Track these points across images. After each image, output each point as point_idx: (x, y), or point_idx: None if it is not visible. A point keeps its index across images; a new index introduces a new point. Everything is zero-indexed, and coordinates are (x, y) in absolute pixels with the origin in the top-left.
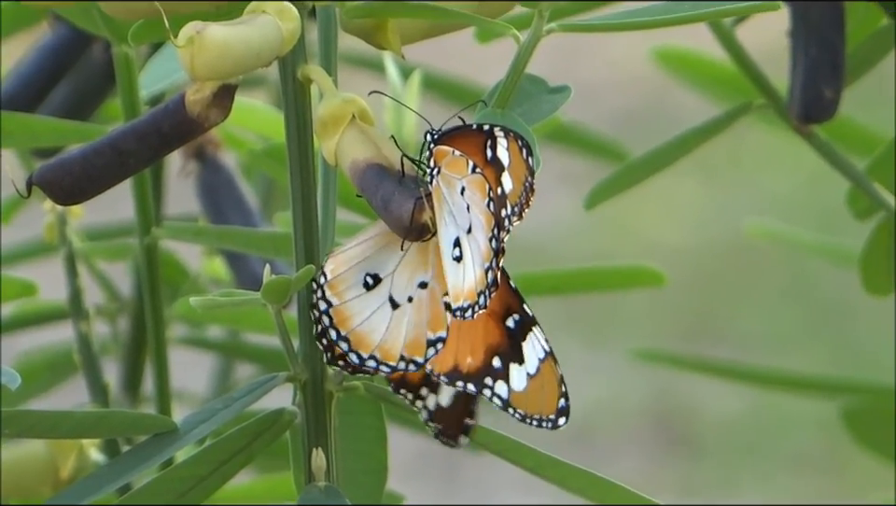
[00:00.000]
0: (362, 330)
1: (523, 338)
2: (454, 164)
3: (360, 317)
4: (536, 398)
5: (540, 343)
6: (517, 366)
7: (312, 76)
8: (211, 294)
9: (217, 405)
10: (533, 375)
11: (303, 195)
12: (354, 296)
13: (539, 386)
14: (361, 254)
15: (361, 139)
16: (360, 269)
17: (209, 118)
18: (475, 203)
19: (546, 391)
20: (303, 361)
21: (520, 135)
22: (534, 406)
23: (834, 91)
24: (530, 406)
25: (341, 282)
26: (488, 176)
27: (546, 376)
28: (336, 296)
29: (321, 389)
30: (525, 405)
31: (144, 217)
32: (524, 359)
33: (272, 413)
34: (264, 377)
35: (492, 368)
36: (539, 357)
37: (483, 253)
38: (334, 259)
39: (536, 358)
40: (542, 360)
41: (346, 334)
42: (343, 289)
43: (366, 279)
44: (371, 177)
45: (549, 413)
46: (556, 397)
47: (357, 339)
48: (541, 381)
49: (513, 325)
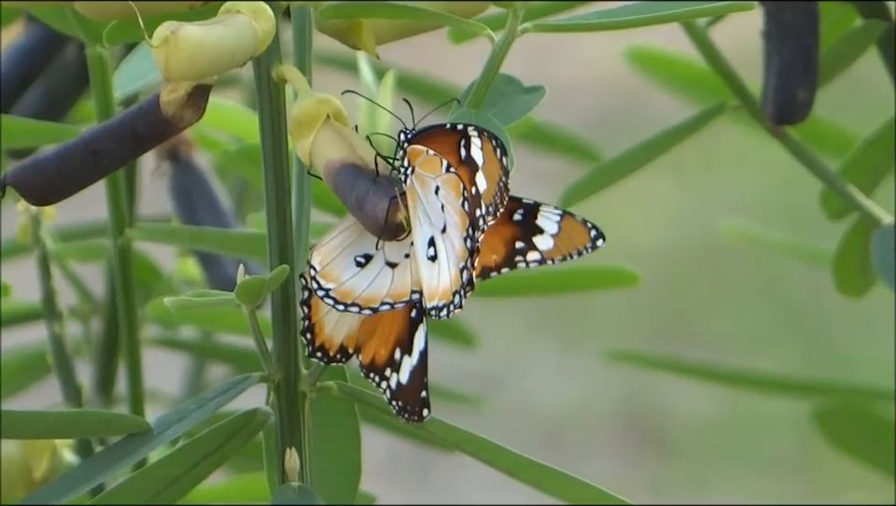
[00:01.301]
0: (368, 292)
1: (534, 218)
2: (428, 164)
3: (363, 287)
4: (567, 243)
5: (553, 211)
6: (539, 236)
7: (286, 76)
8: (184, 295)
9: (190, 406)
10: (556, 233)
11: (277, 196)
12: (350, 276)
13: (566, 237)
14: (344, 242)
15: (336, 139)
16: (348, 254)
17: (183, 118)
18: (449, 203)
19: (574, 235)
20: (277, 362)
21: (494, 135)
22: (568, 248)
23: (808, 92)
24: (564, 250)
25: (333, 269)
26: (462, 176)
27: (569, 227)
28: (332, 282)
29: (295, 389)
30: (559, 253)
31: (117, 217)
32: (543, 230)
33: (245, 413)
34: (238, 378)
35: (517, 249)
36: (557, 220)
37: (458, 252)
38: (319, 251)
39: (553, 222)
40: (560, 220)
41: (354, 301)
42: (337, 274)
43: (357, 260)
44: (346, 177)
45: (584, 244)
46: (586, 232)
47: (365, 300)
48: (567, 232)
49: (521, 216)
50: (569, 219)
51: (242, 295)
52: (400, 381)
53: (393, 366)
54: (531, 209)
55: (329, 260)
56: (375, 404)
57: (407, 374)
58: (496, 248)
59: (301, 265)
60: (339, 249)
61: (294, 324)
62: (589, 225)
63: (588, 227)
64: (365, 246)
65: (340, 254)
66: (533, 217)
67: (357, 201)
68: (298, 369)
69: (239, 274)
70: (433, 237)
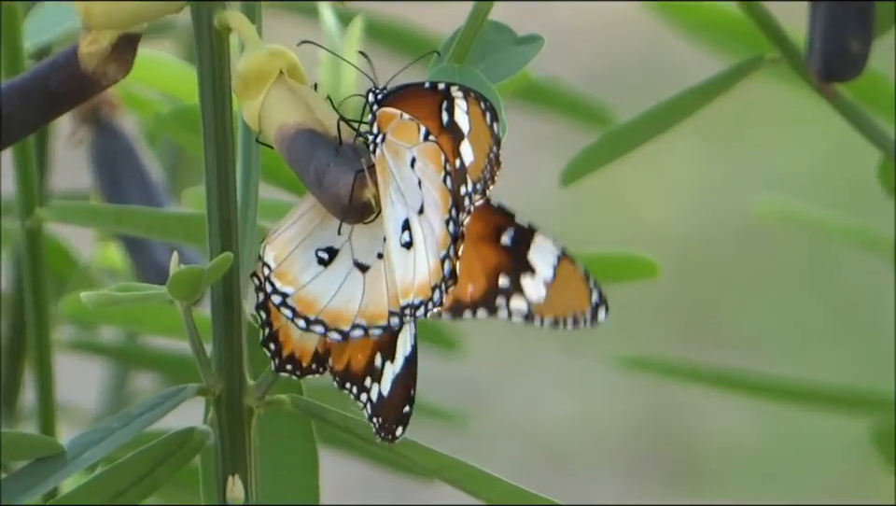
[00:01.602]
0: (335, 305)
1: (526, 249)
2: (402, 130)
3: (328, 295)
4: (562, 300)
5: (549, 248)
6: (529, 277)
7: (231, 23)
8: (106, 288)
9: (112, 424)
10: (551, 282)
11: (219, 168)
12: (311, 277)
13: (561, 290)
14: (302, 230)
15: (290, 99)
16: (307, 247)
17: (106, 74)
18: (428, 178)
19: (572, 290)
20: (218, 370)
21: (482, 96)
22: (562, 308)
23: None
24: (557, 310)
25: (289, 268)
26: (444, 145)
27: (567, 277)
28: (289, 284)
29: (239, 404)
30: (551, 311)
31: (26, 194)
32: (535, 269)
33: (179, 433)
34: (170, 390)
35: (500, 288)
36: (552, 262)
37: (439, 238)
38: (272, 244)
39: (549, 264)
40: (557, 264)
41: (318, 317)
42: (295, 275)
43: (318, 256)
44: (302, 146)
45: (581, 309)
46: (586, 292)
47: (332, 317)
48: (563, 284)
49: (510, 241)
50: (568, 266)
51: (175, 289)
52: (381, 392)
53: (373, 374)
54: (524, 234)
55: (285, 255)
56: (336, 422)
57: (389, 384)
58: (474, 276)
59: (247, 253)
60: (297, 240)
61: (238, 324)
62: (592, 283)
63: (590, 285)
64: (328, 236)
65: (298, 246)
66: (525, 246)
67: (316, 175)
68: (242, 379)
69: (172, 262)
70: (408, 219)
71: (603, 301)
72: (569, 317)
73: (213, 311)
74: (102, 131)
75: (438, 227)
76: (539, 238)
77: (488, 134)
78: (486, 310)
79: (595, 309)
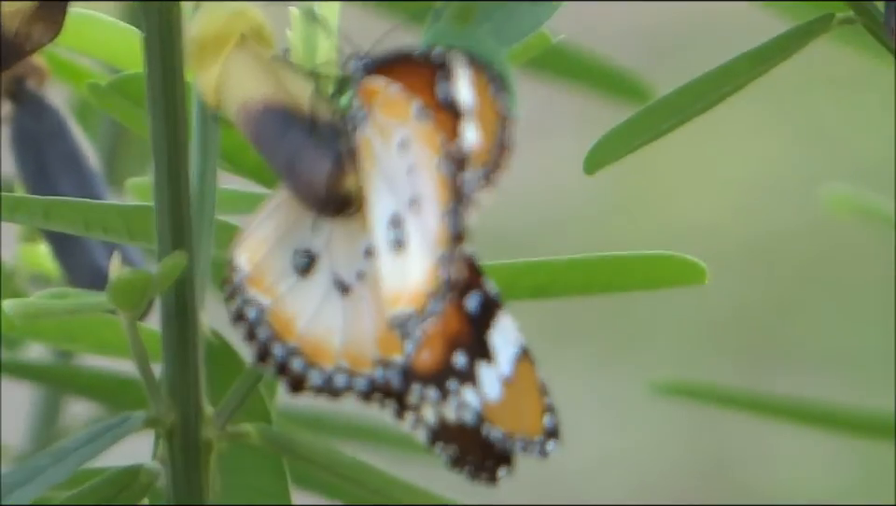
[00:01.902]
0: (314, 332)
1: (486, 326)
2: (390, 106)
3: (306, 315)
4: (514, 411)
5: (511, 333)
6: (486, 365)
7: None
8: (33, 296)
9: (42, 460)
10: (508, 379)
11: (169, 151)
12: (288, 287)
13: (516, 396)
14: (278, 226)
15: (255, 69)
16: (284, 247)
17: (31, 36)
18: (422, 164)
19: (525, 403)
20: (170, 397)
21: (488, 64)
22: (513, 422)
23: None
24: (509, 422)
25: (264, 272)
26: (441, 124)
27: (523, 382)
28: (264, 292)
29: (195, 437)
30: (502, 421)
31: None
32: (492, 356)
33: (123, 471)
34: (112, 420)
35: (454, 367)
36: (513, 352)
37: (435, 236)
38: (244, 244)
39: (508, 354)
40: (516, 359)
41: (296, 345)
42: (270, 282)
43: (296, 261)
44: (270, 125)
45: (533, 433)
46: (539, 411)
47: (311, 348)
48: (518, 388)
49: (475, 307)
50: (528, 368)
51: (117, 297)
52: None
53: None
54: (491, 302)
55: (259, 258)
56: (312, 458)
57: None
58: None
59: (204, 254)
60: (272, 238)
61: (194, 340)
62: (547, 402)
63: (545, 403)
64: (306, 234)
65: (273, 247)
66: (486, 322)
67: (287, 160)
68: (199, 407)
69: (112, 265)
70: (397, 213)
71: (556, 428)
72: (519, 438)
73: (163, 324)
74: (26, 106)
75: (433, 222)
76: (503, 318)
77: (495, 111)
78: (437, 391)
79: (547, 434)
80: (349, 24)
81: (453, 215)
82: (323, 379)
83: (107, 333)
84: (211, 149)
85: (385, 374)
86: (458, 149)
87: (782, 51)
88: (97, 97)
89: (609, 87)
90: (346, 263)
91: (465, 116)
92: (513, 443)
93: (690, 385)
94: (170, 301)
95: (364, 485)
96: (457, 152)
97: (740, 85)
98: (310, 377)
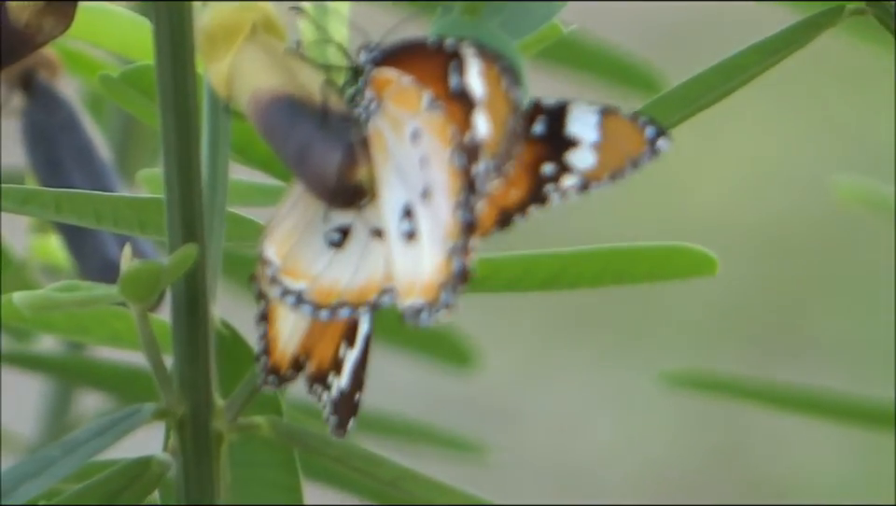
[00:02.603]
0: (358, 284)
1: (561, 127)
2: (401, 97)
3: (347, 277)
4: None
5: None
6: (575, 151)
7: None
8: (44, 288)
9: (53, 452)
10: (598, 142)
11: (181, 142)
12: (326, 264)
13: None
14: (303, 216)
15: (266, 60)
16: (314, 232)
17: (42, 28)
18: (434, 155)
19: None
20: (180, 388)
21: (499, 55)
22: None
23: None
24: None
25: (298, 260)
26: (453, 115)
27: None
28: (302, 279)
29: (206, 429)
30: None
31: None
32: (577, 141)
33: (134, 463)
34: (123, 411)
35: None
36: (595, 123)
37: (447, 227)
38: (271, 238)
39: (592, 127)
40: (601, 122)
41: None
42: (306, 266)
43: (330, 238)
44: (281, 116)
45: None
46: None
47: (355, 296)
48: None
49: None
50: (613, 118)
51: (128, 289)
52: (341, 386)
53: (337, 368)
54: (556, 113)
55: (289, 247)
56: (323, 450)
57: (348, 376)
58: (515, 179)
59: (215, 245)
60: (300, 227)
61: (205, 332)
62: (641, 122)
63: (640, 124)
64: (334, 215)
65: (302, 236)
66: (560, 125)
67: (298, 151)
68: (210, 398)
69: (123, 257)
70: (410, 204)
71: (660, 130)
72: (628, 164)
73: (174, 316)
74: (38, 98)
75: (445, 214)
76: (573, 108)
77: (506, 103)
78: (537, 203)
79: (652, 142)
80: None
81: (464, 206)
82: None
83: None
84: (222, 141)
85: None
86: (470, 141)
87: (793, 43)
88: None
89: (619, 78)
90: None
91: (476, 107)
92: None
93: (700, 376)
94: (181, 292)
95: (376, 478)
96: (469, 143)
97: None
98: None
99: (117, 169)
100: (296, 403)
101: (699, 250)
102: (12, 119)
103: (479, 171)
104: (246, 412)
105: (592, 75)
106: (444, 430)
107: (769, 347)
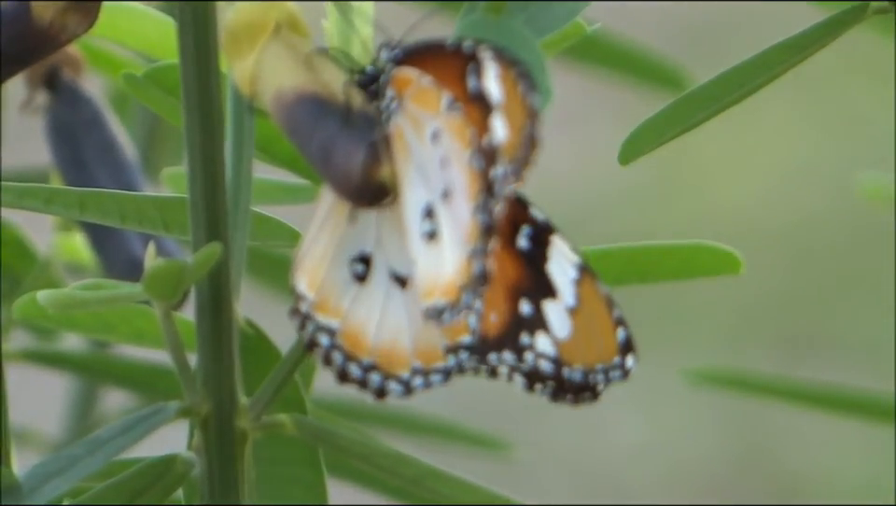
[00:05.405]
0: (384, 340)
1: (543, 259)
2: (421, 97)
3: (373, 323)
4: (587, 338)
5: (567, 256)
6: (551, 302)
7: None
8: (68, 287)
9: (77, 451)
10: (573, 307)
11: (204, 141)
12: (351, 300)
13: (585, 321)
14: (332, 236)
15: (289, 59)
16: (342, 259)
17: (66, 26)
18: (454, 157)
19: (596, 324)
20: (204, 386)
21: (516, 60)
22: (590, 353)
23: None
24: (586, 354)
25: (329, 293)
26: (471, 118)
27: (588, 303)
28: (332, 315)
29: (230, 427)
30: (579, 356)
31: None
32: (555, 290)
33: (158, 461)
34: (147, 410)
35: (522, 317)
36: (572, 277)
37: (466, 229)
38: (302, 267)
39: (568, 280)
40: (578, 280)
41: (369, 361)
42: (335, 302)
43: (353, 269)
44: (305, 114)
45: (610, 356)
46: (611, 328)
47: (385, 358)
48: (585, 311)
49: (527, 243)
50: (590, 286)
51: (152, 287)
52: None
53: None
54: (541, 232)
55: (320, 280)
56: (349, 449)
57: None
58: (495, 297)
59: (238, 243)
60: (329, 252)
61: (229, 330)
62: (616, 315)
63: (614, 316)
64: (359, 237)
65: (332, 263)
66: (543, 252)
67: (321, 149)
68: (234, 396)
69: (148, 256)
70: (431, 204)
71: (629, 341)
72: (599, 370)
73: (198, 315)
74: (62, 96)
75: (464, 215)
76: (556, 240)
77: (522, 107)
78: (513, 354)
79: (622, 351)
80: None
81: (483, 209)
82: (403, 388)
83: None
84: (246, 139)
85: (458, 360)
86: (488, 144)
87: (818, 41)
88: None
89: (645, 76)
90: (399, 255)
91: (494, 110)
92: (595, 377)
93: (724, 374)
94: (205, 291)
95: (401, 476)
96: (487, 147)
97: (776, 75)
98: (390, 389)
99: (141, 167)
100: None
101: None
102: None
103: (497, 175)
104: (271, 409)
105: (617, 73)
106: (472, 428)
107: (798, 347)
